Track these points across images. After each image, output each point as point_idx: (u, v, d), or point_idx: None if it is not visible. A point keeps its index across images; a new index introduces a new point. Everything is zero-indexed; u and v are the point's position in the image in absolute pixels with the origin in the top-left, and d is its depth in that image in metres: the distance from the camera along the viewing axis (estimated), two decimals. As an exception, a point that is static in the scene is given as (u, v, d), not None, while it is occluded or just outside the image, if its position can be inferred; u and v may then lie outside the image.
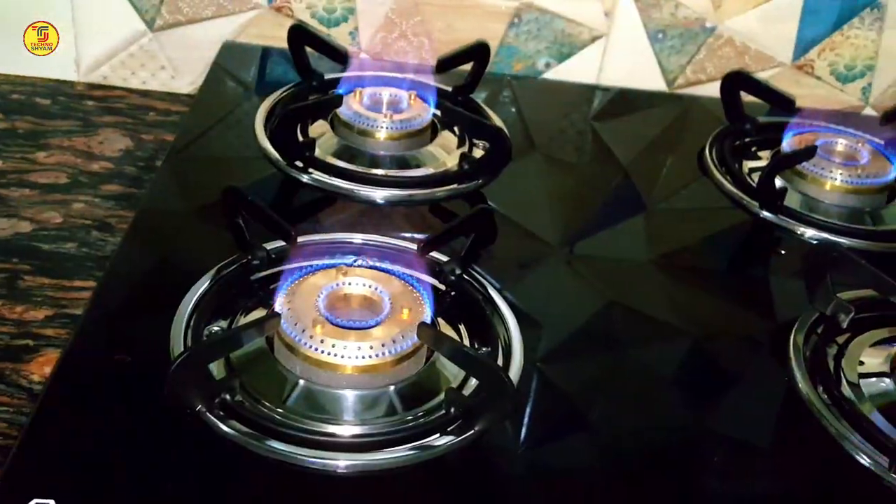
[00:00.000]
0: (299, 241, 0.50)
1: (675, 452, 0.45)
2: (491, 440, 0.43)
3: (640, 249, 0.61)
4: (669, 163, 0.71)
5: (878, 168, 0.65)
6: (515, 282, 0.54)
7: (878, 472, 0.43)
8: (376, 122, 0.62)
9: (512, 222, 0.60)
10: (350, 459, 0.41)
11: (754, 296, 0.58)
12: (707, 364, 0.52)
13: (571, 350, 0.50)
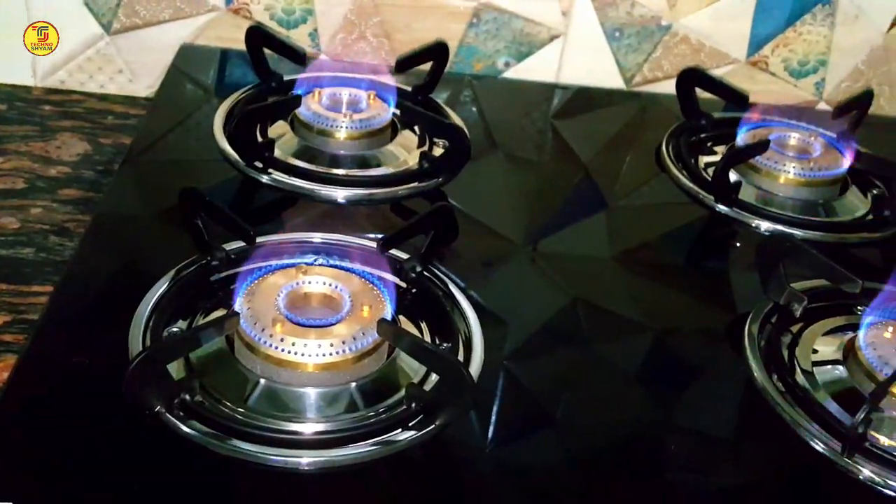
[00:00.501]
0: (259, 242, 0.50)
1: (641, 447, 0.45)
2: (458, 438, 0.43)
3: (603, 246, 0.62)
4: (629, 160, 0.72)
5: (830, 161, 0.66)
6: (480, 280, 0.55)
7: (832, 458, 0.44)
8: (335, 122, 0.62)
9: (475, 221, 0.60)
10: (313, 457, 0.41)
11: (713, 289, 0.59)
12: (669, 358, 0.52)
13: (537, 348, 0.51)
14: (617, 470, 0.44)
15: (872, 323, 0.50)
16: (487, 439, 0.43)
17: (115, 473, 0.39)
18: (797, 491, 0.45)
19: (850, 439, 0.43)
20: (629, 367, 0.51)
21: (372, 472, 0.41)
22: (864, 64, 0.82)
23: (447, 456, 0.43)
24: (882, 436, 0.46)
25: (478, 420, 0.44)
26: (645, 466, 0.44)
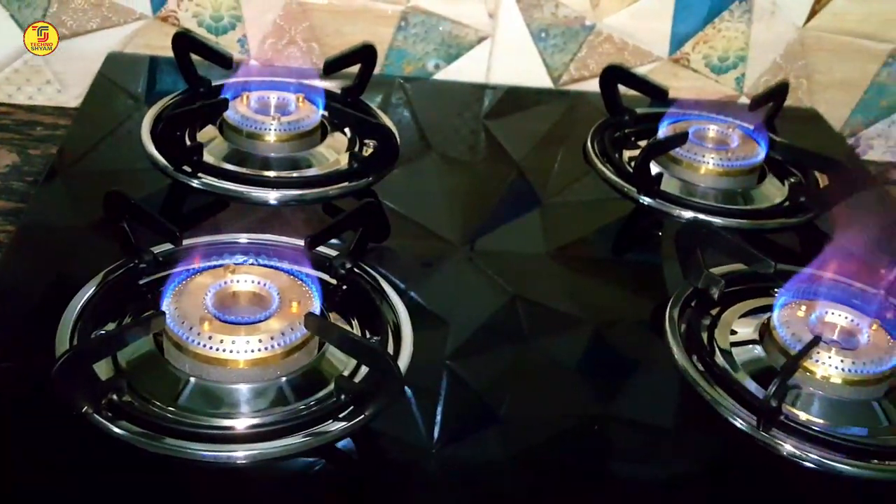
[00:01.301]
0: (187, 244, 0.50)
1: (583, 440, 0.46)
2: (404, 440, 0.44)
3: (538, 243, 0.63)
4: (560, 157, 0.74)
5: (748, 151, 0.68)
6: (420, 281, 0.55)
7: (751, 433, 0.46)
8: (264, 125, 0.62)
9: (413, 222, 0.61)
10: (247, 450, 0.41)
11: (644, 279, 0.60)
12: (606, 350, 0.54)
13: (478, 346, 0.51)
14: (561, 464, 0.44)
15: (786, 303, 0.52)
16: (433, 439, 0.44)
17: (42, 475, 0.39)
18: (722, 468, 0.47)
19: (763, 413, 0.45)
20: (568, 361, 0.52)
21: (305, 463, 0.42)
22: (781, 58, 0.85)
23: (393, 458, 0.44)
24: (801, 411, 0.48)
25: (423, 421, 0.45)
26: (587, 459, 0.45)
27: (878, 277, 0.54)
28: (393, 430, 0.44)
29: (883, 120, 0.89)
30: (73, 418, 0.40)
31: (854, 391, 0.49)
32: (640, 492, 0.44)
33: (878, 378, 0.49)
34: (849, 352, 0.49)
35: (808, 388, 0.49)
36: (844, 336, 0.51)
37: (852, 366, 0.48)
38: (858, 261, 0.55)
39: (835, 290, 0.53)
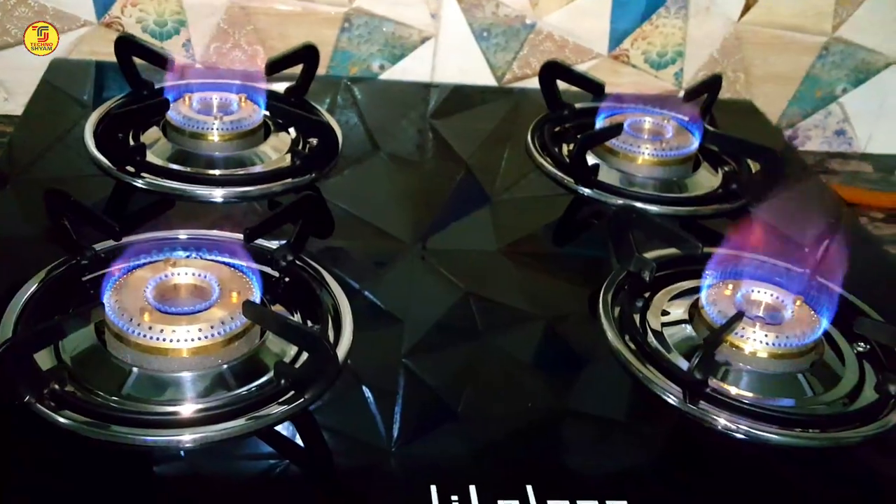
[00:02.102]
0: (130, 240, 0.51)
1: (538, 433, 0.47)
2: (363, 440, 0.44)
3: (489, 240, 0.64)
4: (506, 154, 0.75)
5: (682, 141, 0.70)
6: (373, 280, 0.56)
7: (680, 406, 0.48)
8: (206, 125, 0.63)
9: (365, 223, 0.62)
10: (192, 433, 0.42)
11: (591, 270, 0.61)
12: (558, 343, 0.55)
13: (434, 343, 0.52)
14: (519, 458, 0.45)
15: (713, 283, 0.54)
16: (392, 439, 0.44)
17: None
18: (658, 444, 0.48)
19: (688, 385, 0.47)
20: (523, 356, 0.53)
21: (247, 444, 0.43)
22: (718, 53, 0.88)
23: (352, 458, 0.44)
24: (731, 386, 0.50)
25: (382, 420, 0.45)
26: (544, 452, 0.46)
27: (804, 257, 0.56)
28: (352, 430, 0.45)
29: (819, 111, 0.93)
30: (14, 408, 0.41)
31: (780, 364, 0.51)
32: (593, 477, 0.45)
33: (802, 351, 0.51)
34: (774, 327, 0.51)
35: (737, 363, 0.51)
36: (770, 312, 0.53)
37: (776, 340, 0.50)
38: (784, 241, 0.57)
39: (761, 269, 0.56)
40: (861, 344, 0.54)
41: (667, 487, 0.45)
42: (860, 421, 0.48)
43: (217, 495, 0.41)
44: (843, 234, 0.65)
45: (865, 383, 0.51)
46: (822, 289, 0.54)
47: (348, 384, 0.47)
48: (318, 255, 0.56)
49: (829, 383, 0.51)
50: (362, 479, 0.43)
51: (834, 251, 0.57)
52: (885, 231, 0.83)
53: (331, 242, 0.59)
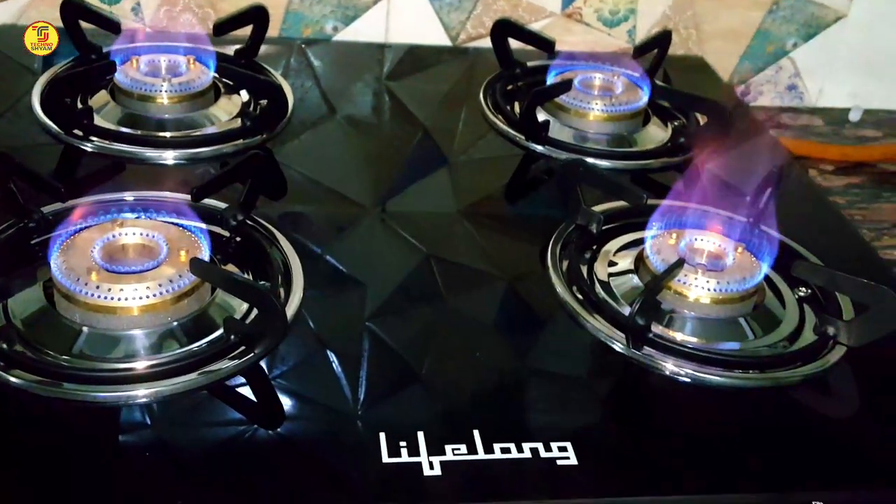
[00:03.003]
0: (77, 202, 0.51)
1: (503, 393, 0.48)
2: (328, 402, 0.45)
3: (448, 202, 0.64)
4: (463, 115, 0.75)
5: (631, 96, 0.71)
6: (335, 245, 0.57)
7: (625, 352, 0.49)
8: (154, 87, 0.63)
9: (324, 187, 0.62)
10: (145, 389, 0.43)
11: (549, 229, 0.60)
12: (519, 303, 0.55)
13: (397, 306, 0.52)
14: (467, 408, 0.46)
15: (658, 233, 0.56)
16: (359, 402, 0.45)
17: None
18: (604, 388, 0.50)
19: (630, 329, 0.48)
20: (485, 317, 0.53)
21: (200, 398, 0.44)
22: (670, 9, 0.88)
23: (319, 421, 0.44)
24: (677, 332, 0.51)
25: (348, 384, 0.46)
26: (492, 402, 0.47)
27: (746, 206, 0.58)
28: (318, 394, 0.45)
29: (770, 66, 0.94)
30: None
31: (722, 310, 0.52)
32: (539, 421, 0.45)
33: (743, 296, 0.52)
34: (716, 273, 0.53)
35: (681, 310, 0.52)
36: (712, 260, 0.55)
37: (717, 285, 0.51)
38: (728, 191, 0.58)
39: (704, 218, 0.57)
40: (802, 289, 0.56)
41: (610, 429, 0.47)
42: (800, 361, 0.50)
43: (171, 450, 0.42)
44: (785, 182, 0.66)
45: (805, 326, 0.53)
46: (762, 236, 0.55)
47: (313, 349, 0.48)
48: (279, 220, 0.56)
49: (769, 327, 0.52)
50: (329, 440, 0.43)
51: (775, 199, 0.58)
52: (835, 182, 0.85)
53: (291, 207, 0.59)
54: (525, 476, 0.42)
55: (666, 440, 0.46)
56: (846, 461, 0.45)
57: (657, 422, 0.48)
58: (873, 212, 0.81)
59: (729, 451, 0.45)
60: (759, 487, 0.43)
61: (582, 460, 0.43)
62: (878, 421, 0.48)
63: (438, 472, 0.41)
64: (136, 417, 0.43)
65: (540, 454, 0.43)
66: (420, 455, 0.42)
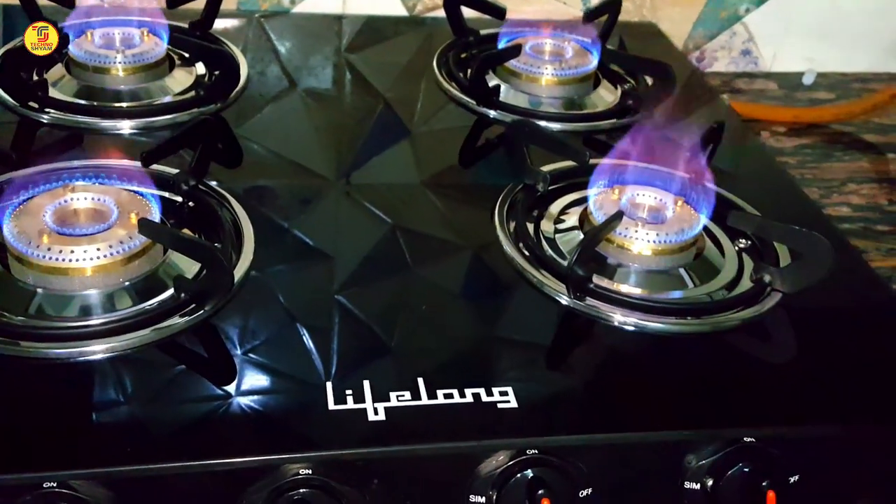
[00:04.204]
0: (29, 171, 0.52)
1: (450, 346, 0.49)
2: (300, 378, 0.45)
3: (411, 173, 0.65)
4: (423, 86, 0.76)
5: (581, 61, 0.73)
6: (300, 218, 0.57)
7: (569, 304, 0.51)
8: (109, 59, 0.64)
9: (287, 160, 0.63)
10: (98, 345, 0.44)
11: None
12: (483, 270, 0.55)
13: (365, 278, 0.53)
14: (427, 368, 0.46)
15: (601, 190, 0.57)
16: (331, 374, 0.45)
17: None
18: (546, 337, 0.51)
19: (570, 279, 0.50)
20: (452, 286, 0.54)
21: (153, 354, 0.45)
22: (624, -23, 0.90)
23: (292, 395, 0.45)
24: (622, 284, 0.53)
25: (319, 356, 0.46)
26: (438, 353, 0.48)
27: (687, 161, 0.59)
28: (290, 367, 0.46)
29: (724, 32, 0.95)
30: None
31: (664, 261, 0.54)
32: (482, 368, 0.47)
33: (682, 247, 0.54)
34: (657, 226, 0.54)
35: (626, 263, 0.54)
36: (654, 213, 0.56)
37: (657, 237, 0.53)
38: (671, 148, 0.60)
39: (646, 175, 0.58)
40: (742, 241, 0.57)
41: (552, 375, 0.48)
42: (737, 308, 0.52)
43: (124, 406, 0.43)
44: (734, 143, 0.68)
45: (744, 276, 0.55)
46: (702, 190, 0.57)
47: (283, 323, 0.48)
48: (244, 194, 0.56)
49: (709, 276, 0.54)
50: (302, 415, 0.43)
51: (714, 155, 0.60)
52: (787, 144, 0.87)
53: (255, 181, 0.60)
54: (465, 419, 0.43)
55: (605, 384, 0.48)
56: (776, 400, 0.47)
57: (597, 367, 0.49)
58: (824, 171, 0.83)
59: (665, 392, 0.47)
60: (693, 425, 0.45)
61: (522, 403, 0.44)
62: (809, 364, 0.50)
63: (382, 418, 0.43)
64: (91, 374, 0.44)
65: (482, 398, 0.44)
66: (365, 402, 0.44)
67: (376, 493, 0.42)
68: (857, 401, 0.48)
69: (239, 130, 0.65)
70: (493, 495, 0.43)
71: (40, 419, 0.42)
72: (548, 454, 0.43)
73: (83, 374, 0.44)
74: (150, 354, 0.45)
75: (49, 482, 0.38)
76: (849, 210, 0.77)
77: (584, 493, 0.44)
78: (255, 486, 0.40)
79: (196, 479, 0.40)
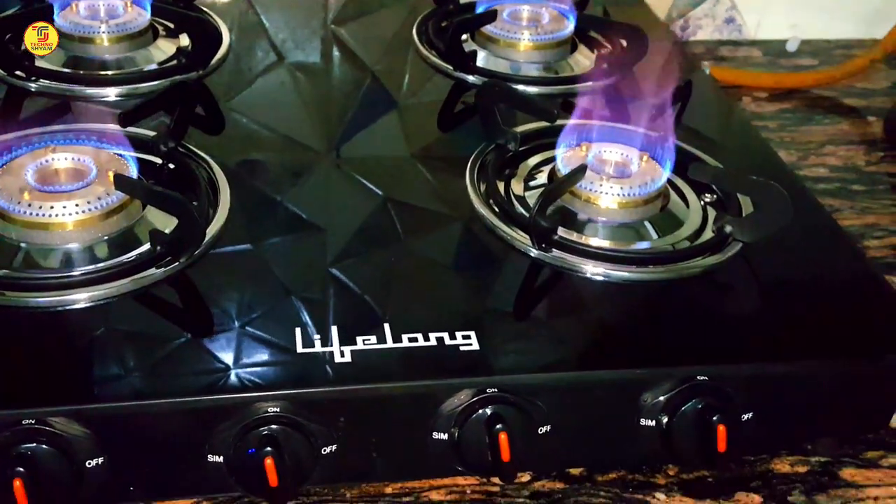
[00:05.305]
0: (9, 136, 0.54)
1: (417, 294, 0.50)
2: (268, 322, 0.46)
3: (401, 145, 0.66)
4: (410, 58, 0.77)
5: (557, 26, 0.74)
6: (293, 191, 0.58)
7: (536, 256, 0.52)
8: (94, 29, 0.66)
9: (278, 134, 0.64)
10: (80, 294, 0.46)
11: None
12: (476, 242, 0.55)
13: (358, 250, 0.53)
14: (393, 315, 0.48)
15: (569, 147, 0.59)
16: (300, 320, 0.47)
17: None
18: (512, 286, 0.52)
19: (532, 229, 0.52)
20: (446, 261, 0.54)
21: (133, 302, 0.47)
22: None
23: (260, 341, 0.46)
24: (591, 237, 0.54)
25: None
26: (404, 302, 0.49)
27: (654, 119, 0.61)
28: (261, 314, 0.48)
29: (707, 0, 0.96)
30: None
31: (629, 213, 0.55)
32: (447, 314, 0.48)
33: (647, 199, 0.55)
34: (622, 179, 0.56)
35: (593, 217, 0.55)
36: (620, 168, 0.58)
37: (621, 190, 0.55)
38: (639, 107, 0.61)
39: (612, 133, 0.60)
40: (707, 195, 0.59)
41: (514, 319, 0.50)
42: (699, 256, 0.53)
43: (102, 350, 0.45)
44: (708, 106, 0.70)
45: (707, 226, 0.56)
46: (667, 146, 0.58)
47: (255, 275, 0.50)
48: (236, 167, 0.58)
49: (673, 228, 0.56)
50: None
51: (681, 112, 0.61)
52: (767, 108, 0.88)
53: (246, 155, 0.61)
54: (428, 360, 0.45)
55: (565, 328, 0.50)
56: (731, 342, 0.49)
57: (559, 313, 0.51)
58: (802, 134, 0.84)
59: (623, 335, 0.49)
60: (648, 364, 0.47)
61: (484, 345, 0.46)
62: (765, 309, 0.52)
63: (349, 360, 0.45)
64: (72, 321, 0.46)
65: (445, 342, 0.46)
66: (332, 346, 0.46)
67: (343, 430, 0.44)
68: (810, 343, 0.49)
69: (228, 104, 0.67)
70: (454, 432, 0.45)
71: (22, 362, 0.44)
72: (506, 392, 0.45)
73: (64, 321, 0.46)
74: (128, 303, 0.47)
75: (28, 419, 0.41)
76: (826, 171, 0.78)
77: (542, 429, 0.46)
78: (227, 423, 0.43)
79: (169, 417, 0.42)
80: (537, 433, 0.46)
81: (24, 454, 0.40)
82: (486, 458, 0.44)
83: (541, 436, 0.46)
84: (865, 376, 0.49)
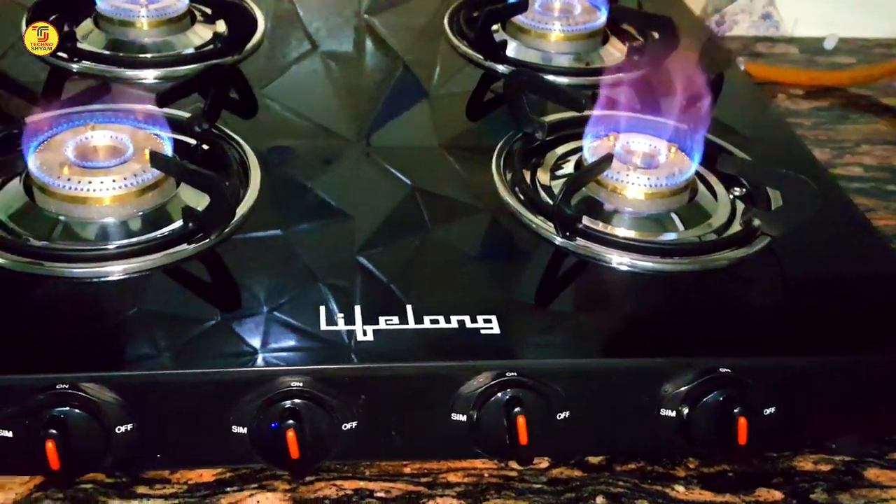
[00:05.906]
0: (57, 112, 0.56)
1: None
2: (293, 300, 0.47)
3: (430, 135, 0.67)
4: (441, 49, 0.78)
5: (589, 17, 0.75)
6: (322, 178, 0.59)
7: (561, 244, 0.53)
8: (134, 13, 0.68)
9: (310, 121, 0.65)
10: (117, 265, 0.48)
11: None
12: (501, 230, 0.56)
13: (385, 238, 0.54)
14: (417, 297, 0.48)
15: (597, 137, 0.59)
16: (324, 299, 0.48)
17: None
18: (536, 274, 0.52)
19: (556, 216, 0.52)
20: (470, 249, 0.55)
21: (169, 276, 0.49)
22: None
23: (286, 318, 0.47)
24: (618, 227, 0.54)
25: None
26: (427, 286, 0.50)
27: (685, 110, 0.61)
28: (287, 292, 0.48)
29: (745, -5, 0.96)
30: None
31: (657, 204, 0.55)
32: (469, 298, 0.49)
33: (674, 191, 0.55)
34: (650, 170, 0.56)
35: (620, 207, 0.55)
36: (647, 159, 0.58)
37: (648, 181, 0.55)
38: (671, 99, 0.61)
39: (640, 123, 0.60)
40: (737, 189, 0.59)
41: (536, 305, 0.50)
42: (726, 248, 0.53)
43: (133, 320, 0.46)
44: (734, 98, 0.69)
45: (735, 220, 0.56)
46: (697, 138, 0.58)
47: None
48: (268, 153, 0.58)
49: (700, 220, 0.56)
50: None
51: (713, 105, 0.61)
52: (803, 106, 0.87)
53: (278, 141, 0.62)
54: (448, 342, 0.46)
55: (587, 315, 0.50)
56: (755, 335, 0.49)
57: (582, 300, 0.51)
58: (838, 132, 0.84)
59: (646, 325, 0.49)
60: (670, 354, 0.47)
61: (505, 330, 0.47)
62: (791, 302, 0.52)
63: (371, 338, 0.46)
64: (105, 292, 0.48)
65: (466, 325, 0.47)
66: (355, 325, 0.47)
67: (363, 407, 0.45)
68: (835, 339, 0.49)
69: (261, 90, 0.68)
70: (473, 414, 0.45)
71: (58, 330, 0.45)
72: (526, 376, 0.45)
73: (99, 291, 0.48)
74: (160, 276, 0.49)
75: (62, 384, 0.42)
76: (861, 170, 0.78)
77: (561, 415, 0.46)
78: (252, 395, 0.44)
79: (196, 387, 0.44)
80: (556, 418, 0.46)
81: (58, 417, 0.41)
82: (504, 441, 0.45)
83: (559, 421, 0.46)
84: (892, 375, 0.49)
